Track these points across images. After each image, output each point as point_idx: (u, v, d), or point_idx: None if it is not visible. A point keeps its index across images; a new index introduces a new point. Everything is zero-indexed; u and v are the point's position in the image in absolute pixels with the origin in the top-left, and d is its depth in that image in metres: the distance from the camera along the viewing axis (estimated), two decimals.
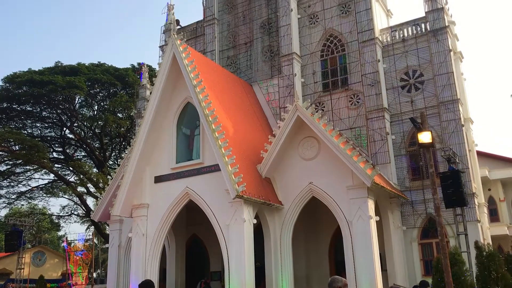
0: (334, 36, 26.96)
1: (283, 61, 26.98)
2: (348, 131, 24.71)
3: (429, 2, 25.01)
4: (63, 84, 42.36)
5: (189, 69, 20.23)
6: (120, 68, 47.47)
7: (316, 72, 26.91)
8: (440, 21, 24.49)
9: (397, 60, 25.28)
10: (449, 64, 23.81)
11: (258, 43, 28.94)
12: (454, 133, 22.87)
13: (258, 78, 28.12)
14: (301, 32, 27.83)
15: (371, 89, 24.62)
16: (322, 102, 26.18)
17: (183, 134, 21.55)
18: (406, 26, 25.78)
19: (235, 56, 29.67)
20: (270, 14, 28.76)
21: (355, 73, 25.69)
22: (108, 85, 46.39)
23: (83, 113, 47.58)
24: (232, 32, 30.22)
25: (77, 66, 46.35)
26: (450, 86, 23.48)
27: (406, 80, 24.94)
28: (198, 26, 32.15)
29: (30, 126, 47.01)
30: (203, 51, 30.07)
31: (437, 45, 24.24)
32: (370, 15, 25.61)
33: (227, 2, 30.88)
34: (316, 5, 27.78)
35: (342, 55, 26.54)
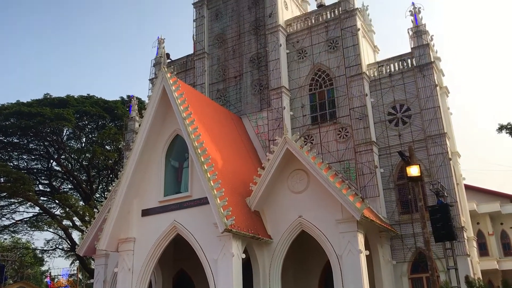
0: (322, 71, 27.37)
1: (272, 94, 27.23)
2: (337, 164, 24.77)
3: (415, 38, 25.63)
4: (51, 116, 42.17)
5: (179, 102, 20.28)
6: (110, 101, 47.50)
7: (305, 106, 27.16)
8: (426, 57, 25.05)
9: (385, 95, 25.65)
10: (435, 98, 24.22)
11: (248, 77, 29.25)
12: (441, 167, 23.03)
13: (247, 111, 28.29)
14: (290, 66, 28.23)
15: (359, 123, 24.85)
16: (311, 135, 26.32)
17: (172, 166, 21.41)
18: (393, 61, 26.31)
19: (225, 89, 29.90)
20: (259, 49, 29.19)
21: (343, 106, 25.97)
22: (97, 117, 46.28)
23: (70, 145, 47.19)
24: (222, 66, 30.55)
25: (66, 98, 46.30)
26: (436, 120, 23.81)
27: (394, 114, 25.26)
28: (188, 60, 32.48)
29: (17, 158, 46.43)
30: (193, 84, 30.27)
31: (423, 80, 24.71)
32: (357, 51, 26.11)
33: (217, 37, 31.34)
34: (305, 40, 28.30)
35: (330, 89, 26.88)
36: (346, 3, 27.26)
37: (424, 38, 25.49)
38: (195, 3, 32.48)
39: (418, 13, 26.14)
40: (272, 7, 28.79)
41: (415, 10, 26.19)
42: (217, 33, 31.36)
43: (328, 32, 27.67)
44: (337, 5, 27.90)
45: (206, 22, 31.75)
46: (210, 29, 31.71)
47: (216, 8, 31.95)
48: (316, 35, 27.98)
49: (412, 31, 25.87)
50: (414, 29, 25.83)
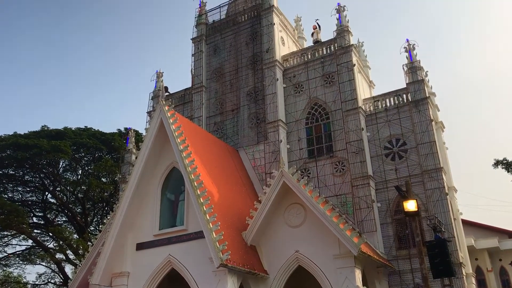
0: (319, 105, 27.63)
1: (269, 127, 27.38)
2: (334, 198, 24.66)
3: (410, 74, 26.02)
4: (48, 148, 42.08)
5: (176, 134, 20.34)
6: (107, 133, 47.55)
7: (302, 139, 27.27)
8: (421, 92, 25.37)
9: (381, 129, 25.82)
10: (431, 133, 24.38)
11: (245, 110, 29.46)
12: (438, 202, 22.97)
13: (244, 144, 28.36)
14: (287, 100, 28.50)
15: (355, 157, 24.91)
16: (308, 169, 26.31)
17: (168, 199, 21.27)
18: (388, 96, 26.61)
19: (222, 122, 30.05)
20: (256, 83, 29.53)
21: (339, 140, 26.08)
22: (94, 149, 46.20)
23: (66, 178, 46.90)
24: (220, 99, 30.81)
25: (63, 130, 46.33)
26: (433, 155, 23.90)
27: (390, 148, 25.36)
28: (186, 93, 32.78)
29: (12, 190, 46.01)
30: (191, 117, 30.45)
31: (418, 115, 24.94)
32: (353, 86, 26.45)
33: (215, 71, 31.74)
34: (301, 75, 28.69)
35: (327, 123, 27.06)
36: (342, 40, 27.78)
37: (419, 74, 25.88)
38: (193, 38, 33.04)
39: (413, 49, 26.65)
40: (269, 43, 29.30)
41: (409, 47, 26.70)
42: (215, 67, 31.78)
43: (324, 67, 28.09)
44: (333, 42, 28.43)
45: (204, 57, 32.22)
46: (208, 63, 32.15)
47: (214, 43, 32.49)
48: (313, 70, 28.40)
49: (407, 67, 26.29)
50: (409, 65, 26.26)
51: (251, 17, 31.47)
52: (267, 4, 30.53)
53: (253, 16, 31.37)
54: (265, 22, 30.09)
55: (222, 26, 32.55)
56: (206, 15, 33.62)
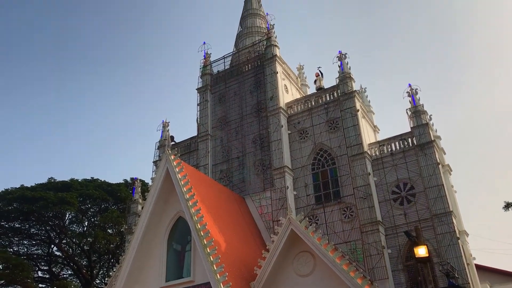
0: (324, 150, 27.67)
1: (275, 174, 27.32)
2: (343, 245, 24.19)
3: (414, 118, 26.14)
4: (54, 200, 42.12)
5: (182, 183, 20.34)
6: (113, 184, 47.67)
7: (308, 185, 27.12)
8: (426, 136, 25.39)
9: (387, 173, 25.69)
10: (438, 177, 24.19)
11: (250, 157, 29.52)
12: (450, 246, 22.46)
13: (250, 191, 28.22)
14: (292, 146, 28.59)
15: (363, 202, 24.65)
16: (316, 215, 26.01)
17: (174, 250, 20.99)
18: (394, 140, 26.63)
19: (228, 170, 30.06)
20: (261, 130, 29.75)
21: (346, 186, 25.91)
22: (100, 200, 46.19)
23: (72, 230, 46.64)
24: (225, 147, 30.97)
25: (70, 182, 46.52)
26: (441, 198, 23.60)
27: (398, 192, 25.12)
28: (192, 141, 33.02)
29: (17, 243, 45.72)
30: (196, 166, 30.52)
31: (425, 158, 24.86)
32: (358, 131, 26.56)
33: (221, 119, 32.10)
34: (305, 121, 28.92)
35: (333, 168, 26.99)
36: (345, 86, 28.17)
37: (423, 117, 25.99)
38: (199, 88, 33.65)
39: (415, 94, 26.89)
40: (273, 91, 29.75)
41: (412, 91, 26.96)
42: (220, 116, 32.15)
43: (328, 113, 28.34)
44: (335, 88, 28.83)
45: (209, 106, 32.68)
46: (214, 112, 32.57)
47: (219, 93, 33.04)
48: (317, 116, 28.64)
49: (410, 111, 26.44)
50: (413, 109, 26.43)
51: (254, 66, 32.15)
52: (270, 54, 31.26)
53: (256, 65, 32.05)
54: (269, 71, 30.68)
55: (227, 76, 33.21)
56: (210, 66, 34.40)
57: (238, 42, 37.23)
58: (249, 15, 38.04)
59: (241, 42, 36.54)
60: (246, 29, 37.12)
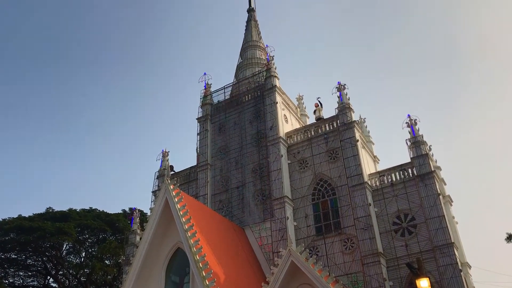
0: (324, 180, 27.56)
1: (275, 204, 27.12)
2: (345, 277, 23.81)
3: (413, 149, 26.14)
4: (52, 230, 41.72)
5: (181, 213, 20.17)
6: (111, 214, 47.33)
7: (309, 216, 26.89)
8: (426, 167, 25.32)
9: (388, 204, 25.51)
10: (439, 207, 24.01)
11: (250, 187, 29.37)
12: (452, 279, 22.09)
13: (250, 222, 27.95)
14: (292, 176, 28.49)
15: (364, 233, 24.38)
16: (316, 247, 25.69)
17: (172, 282, 20.65)
18: (394, 171, 26.55)
19: (227, 200, 29.86)
20: (261, 160, 29.71)
21: (347, 216, 25.70)
22: (98, 230, 45.77)
23: (69, 260, 46.00)
24: (225, 176, 30.86)
25: (68, 212, 46.20)
26: (443, 229, 23.36)
27: (399, 223, 24.88)
28: (192, 171, 32.92)
29: (13, 275, 44.99)
30: (196, 195, 30.33)
31: (425, 189, 24.73)
32: (358, 161, 26.51)
33: (220, 149, 32.10)
34: (305, 151, 28.92)
35: (333, 199, 26.83)
36: (344, 116, 28.29)
37: (423, 148, 25.99)
38: (199, 118, 33.79)
39: (415, 124, 26.98)
40: (273, 121, 29.87)
41: (411, 122, 27.05)
42: (220, 145, 32.16)
43: (328, 143, 28.37)
44: (335, 118, 28.95)
45: (209, 135, 32.74)
46: (213, 141, 32.60)
47: (219, 122, 33.15)
48: (316, 146, 28.66)
49: (410, 142, 26.46)
50: (412, 139, 26.45)
51: (254, 97, 32.37)
52: (269, 84, 31.53)
53: (256, 96, 32.27)
54: (268, 101, 30.88)
55: (227, 106, 33.39)
56: (211, 96, 34.64)
57: (238, 73, 37.63)
58: (249, 47, 38.58)
59: (241, 73, 36.92)
60: (246, 60, 37.57)
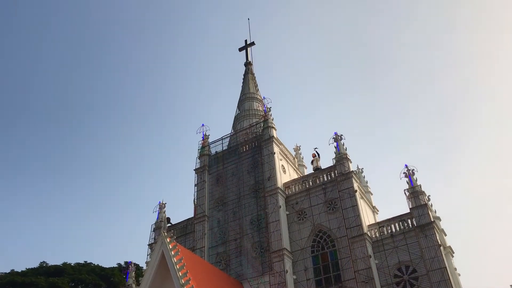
0: (323, 232, 27.19)
1: (273, 257, 26.60)
2: None
3: (412, 199, 25.99)
4: (45, 286, 40.69)
5: (178, 267, 19.74)
6: (106, 268, 46.34)
7: (308, 269, 26.32)
8: (425, 217, 25.09)
9: (389, 256, 25.05)
10: (440, 259, 23.58)
11: (248, 239, 28.90)
12: None
13: (248, 275, 27.29)
14: (291, 227, 28.13)
15: (365, 286, 23.79)
16: None
17: None
18: (393, 221, 26.27)
19: (225, 253, 29.29)
20: (259, 211, 29.42)
21: (347, 269, 25.15)
22: (92, 286, 44.60)
23: None
24: (222, 228, 30.44)
25: (62, 266, 45.23)
26: (445, 282, 22.83)
27: (400, 276, 24.32)
28: (189, 223, 32.50)
29: None
30: (193, 248, 29.77)
31: (425, 240, 24.37)
32: (357, 212, 26.28)
33: (218, 200, 31.85)
34: (303, 202, 28.71)
35: (333, 251, 26.36)
36: (342, 167, 28.32)
37: (421, 198, 25.85)
38: (196, 169, 33.75)
39: (412, 174, 26.96)
40: (271, 171, 29.85)
41: (409, 172, 27.05)
42: (217, 196, 31.94)
43: (326, 193, 28.23)
44: (332, 168, 28.97)
45: (207, 187, 32.57)
46: (211, 192, 32.39)
47: (216, 173, 33.09)
48: (315, 196, 28.51)
49: (408, 192, 26.34)
50: (410, 190, 26.35)
51: (252, 147, 32.52)
52: (267, 135, 31.77)
53: (254, 146, 32.43)
54: (266, 152, 31.00)
55: (225, 157, 33.45)
56: (209, 147, 34.77)
57: (236, 124, 38.00)
58: (246, 99, 39.20)
59: (239, 124, 37.29)
60: (244, 111, 38.06)
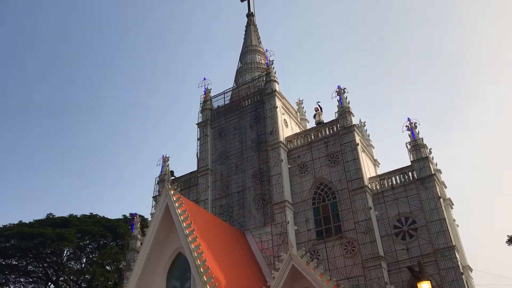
0: (325, 185, 27.55)
1: (275, 208, 27.11)
2: (346, 281, 23.75)
3: (414, 152, 26.15)
4: (52, 236, 41.68)
5: (182, 219, 20.16)
6: (112, 219, 47.27)
7: (309, 220, 26.86)
8: (426, 170, 25.34)
9: (389, 207, 25.50)
10: (440, 211, 24.00)
11: (250, 192, 29.36)
12: (454, 282, 22.06)
13: (250, 226, 27.92)
14: (292, 180, 28.49)
15: (365, 237, 24.37)
16: (317, 251, 25.66)
17: (173, 287, 20.58)
18: (394, 174, 26.55)
19: (228, 205, 29.84)
20: (261, 165, 29.71)
21: (348, 220, 25.68)
22: (99, 236, 45.70)
23: (70, 266, 45.91)
24: (225, 181, 30.86)
25: (69, 218, 46.15)
26: (444, 233, 23.34)
27: (400, 227, 24.86)
28: (192, 176, 32.92)
29: (14, 281, 44.90)
30: (196, 201, 30.32)
31: (426, 192, 24.72)
32: (358, 165, 26.52)
33: (220, 153, 32.11)
34: (305, 155, 28.92)
35: (334, 203, 26.81)
36: (344, 120, 28.33)
37: (423, 151, 26.00)
38: (199, 123, 33.83)
39: (415, 127, 27.01)
40: (273, 125, 29.90)
41: (411, 125, 27.09)
42: (220, 150, 32.19)
43: (328, 147, 28.39)
44: (335, 122, 28.99)
45: (209, 141, 32.76)
46: (213, 146, 32.61)
47: (219, 127, 33.19)
48: (317, 150, 28.68)
49: (410, 145, 26.49)
50: (412, 143, 26.48)
51: (254, 101, 32.42)
52: (269, 89, 31.59)
53: (256, 100, 32.32)
54: (268, 106, 30.93)
55: (227, 111, 33.43)
56: (211, 101, 34.68)
57: (238, 77, 37.70)
58: (248, 52, 38.68)
59: (241, 78, 37.00)
60: (246, 65, 37.66)
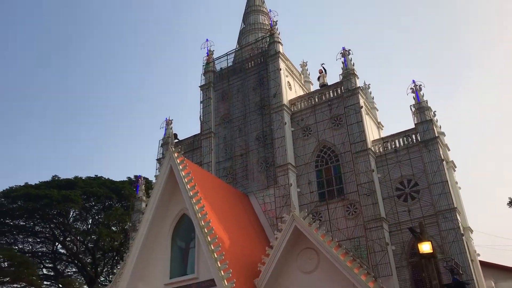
0: (328, 147, 27.59)
1: (278, 171, 27.27)
2: (347, 242, 24.14)
3: (418, 114, 26.03)
4: (58, 198, 42.25)
5: (186, 181, 20.34)
6: (117, 181, 47.74)
7: (312, 182, 27.06)
8: (430, 132, 25.28)
9: (391, 170, 25.61)
10: (442, 173, 24.09)
11: (254, 155, 29.47)
12: (454, 243, 22.41)
13: (254, 189, 28.18)
14: (295, 143, 28.53)
15: (367, 199, 24.60)
16: (319, 212, 25.98)
17: (178, 247, 21.01)
18: (398, 137, 26.53)
19: (231, 167, 30.03)
20: (264, 127, 29.68)
21: (350, 183, 25.85)
22: (104, 198, 46.29)
23: (76, 227, 46.78)
24: (228, 144, 30.94)
25: (74, 180, 46.62)
26: (445, 195, 23.53)
27: (402, 189, 25.05)
28: (195, 139, 33.00)
29: (22, 241, 45.91)
30: (200, 163, 30.50)
31: (429, 155, 24.75)
32: (362, 127, 26.47)
33: (224, 116, 32.05)
34: (309, 118, 28.84)
35: (337, 165, 26.92)
36: (348, 83, 28.07)
37: (427, 114, 25.88)
38: (202, 86, 33.59)
39: (419, 90, 26.77)
40: (276, 88, 29.67)
41: (416, 88, 26.85)
42: (223, 113, 32.11)
43: (331, 110, 28.26)
44: (339, 85, 28.74)
45: (212, 103, 32.62)
46: (217, 109, 32.51)
47: (222, 90, 32.97)
48: (320, 113, 28.56)
49: (414, 108, 26.33)
50: (416, 105, 26.30)
51: (257, 63, 32.05)
52: (273, 50, 31.17)
53: (259, 62, 31.95)
54: (272, 68, 30.60)
55: (230, 73, 33.12)
56: (213, 63, 34.31)
57: (241, 39, 37.16)
58: (252, 12, 37.96)
59: (244, 39, 36.47)
60: (249, 26, 37.04)
